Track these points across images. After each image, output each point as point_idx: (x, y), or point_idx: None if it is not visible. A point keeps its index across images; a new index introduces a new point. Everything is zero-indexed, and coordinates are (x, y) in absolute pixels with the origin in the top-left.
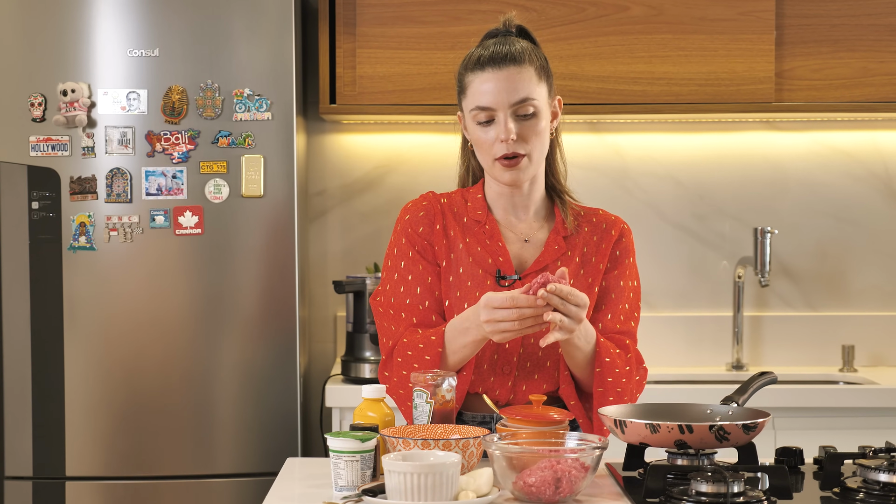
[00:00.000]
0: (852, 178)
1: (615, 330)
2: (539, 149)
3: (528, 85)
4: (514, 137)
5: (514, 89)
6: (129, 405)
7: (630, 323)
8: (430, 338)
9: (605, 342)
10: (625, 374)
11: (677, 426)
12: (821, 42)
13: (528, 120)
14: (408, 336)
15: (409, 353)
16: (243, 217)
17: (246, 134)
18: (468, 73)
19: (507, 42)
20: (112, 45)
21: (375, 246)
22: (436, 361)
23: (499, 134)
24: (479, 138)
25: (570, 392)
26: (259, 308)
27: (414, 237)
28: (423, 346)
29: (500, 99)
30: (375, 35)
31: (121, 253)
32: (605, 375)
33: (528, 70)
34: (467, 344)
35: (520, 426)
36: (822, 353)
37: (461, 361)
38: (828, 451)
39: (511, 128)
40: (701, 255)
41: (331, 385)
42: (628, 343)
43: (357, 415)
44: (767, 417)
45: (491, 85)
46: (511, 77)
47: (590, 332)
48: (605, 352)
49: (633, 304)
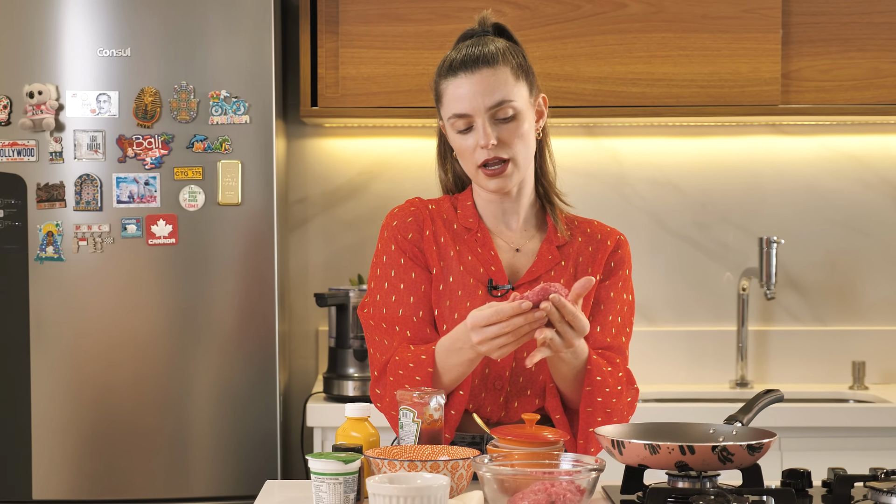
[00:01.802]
0: (863, 184)
1: (605, 344)
2: (524, 152)
3: (503, 86)
4: (495, 143)
5: (488, 92)
6: (99, 425)
7: (621, 338)
8: (421, 357)
9: (597, 359)
10: (615, 394)
11: (678, 447)
12: (830, 41)
13: (508, 123)
14: (399, 353)
15: (401, 373)
16: (220, 226)
17: (223, 138)
18: (442, 80)
19: (480, 43)
20: (81, 44)
21: (359, 256)
22: (427, 382)
23: (478, 140)
24: (460, 146)
25: (555, 405)
26: (236, 322)
27: (404, 243)
28: (413, 365)
29: (476, 104)
30: (359, 34)
31: (90, 264)
32: (594, 395)
33: (503, 70)
34: (461, 363)
35: (512, 447)
36: (831, 369)
37: (455, 380)
38: (837, 474)
39: (490, 133)
40: (703, 266)
41: (312, 403)
42: (618, 361)
43: (340, 435)
44: (773, 438)
45: (465, 90)
46: (485, 80)
47: (580, 348)
48: (596, 369)
49: (625, 318)
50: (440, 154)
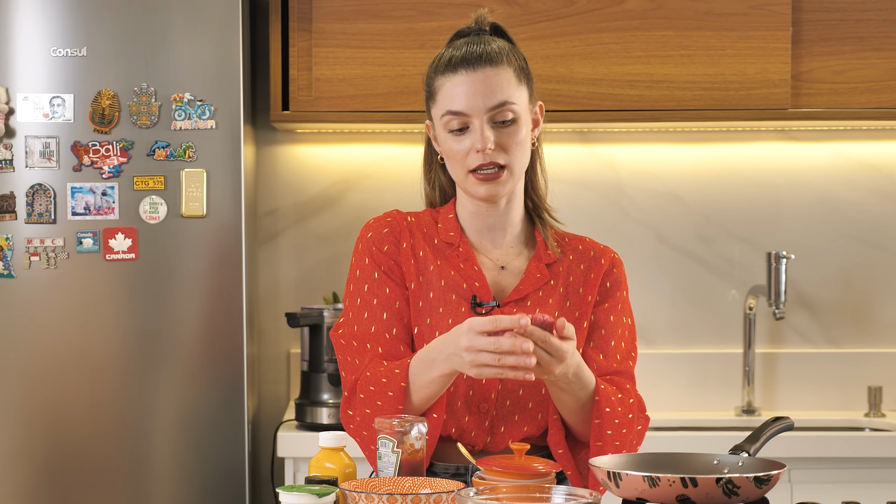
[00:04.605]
0: (880, 195)
1: (612, 370)
2: (520, 160)
3: (506, 88)
4: (492, 146)
5: (490, 92)
6: (52, 455)
7: (628, 362)
8: (395, 371)
9: (605, 389)
10: (625, 424)
11: (679, 479)
12: (844, 40)
13: (507, 127)
14: (371, 369)
15: (372, 389)
16: (183, 240)
17: (186, 145)
18: (438, 76)
19: (481, 41)
20: (33, 42)
21: (334, 273)
22: (399, 398)
23: (474, 143)
24: (452, 148)
25: (558, 439)
26: (201, 344)
27: (379, 256)
28: (385, 380)
29: (475, 103)
30: (334, 32)
31: (43, 281)
32: (604, 428)
33: (507, 71)
34: (434, 379)
35: (499, 479)
36: (845, 395)
37: (428, 399)
38: None
39: (488, 136)
40: (707, 283)
41: (283, 432)
42: (629, 387)
43: (313, 466)
44: (783, 469)
45: (465, 88)
46: (487, 79)
47: (584, 379)
48: (605, 400)
49: (629, 342)
50: (427, 163)
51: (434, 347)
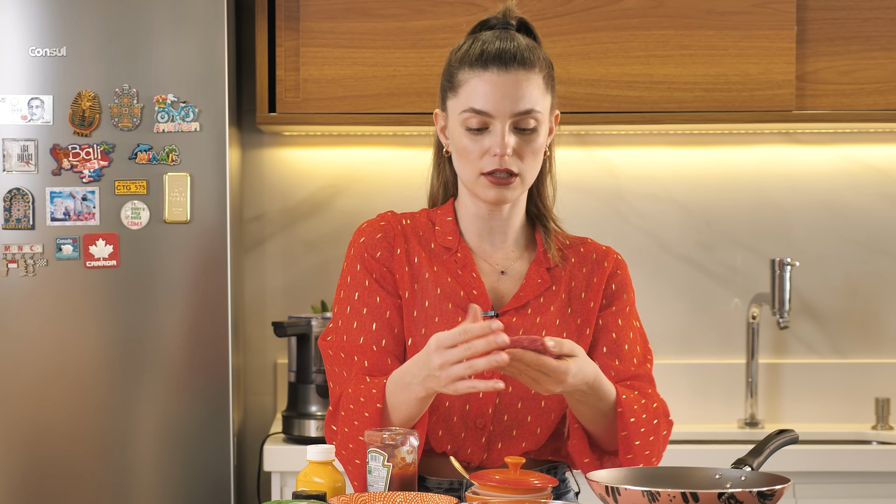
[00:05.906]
0: (888, 200)
1: (630, 374)
2: (533, 169)
3: (535, 94)
4: (511, 153)
5: (519, 97)
6: (31, 470)
7: (646, 365)
8: (371, 391)
9: (627, 398)
10: (652, 431)
11: (680, 494)
12: (850, 39)
13: (527, 134)
14: (353, 385)
15: (352, 408)
16: (166, 247)
17: (169, 148)
18: (465, 69)
19: (511, 37)
20: (11, 42)
21: (323, 281)
22: (375, 420)
23: (493, 147)
24: (466, 147)
25: (582, 447)
26: (185, 354)
27: (371, 263)
28: (363, 399)
29: (502, 106)
30: (323, 31)
31: (21, 289)
32: (631, 439)
33: (537, 77)
34: (410, 402)
35: (494, 494)
36: (851, 407)
37: (408, 420)
38: None
39: (509, 142)
40: (709, 291)
41: (270, 445)
42: (650, 392)
43: (301, 480)
44: (787, 484)
45: (493, 87)
46: (518, 82)
47: (603, 390)
48: (628, 410)
49: (643, 345)
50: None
51: (407, 371)
